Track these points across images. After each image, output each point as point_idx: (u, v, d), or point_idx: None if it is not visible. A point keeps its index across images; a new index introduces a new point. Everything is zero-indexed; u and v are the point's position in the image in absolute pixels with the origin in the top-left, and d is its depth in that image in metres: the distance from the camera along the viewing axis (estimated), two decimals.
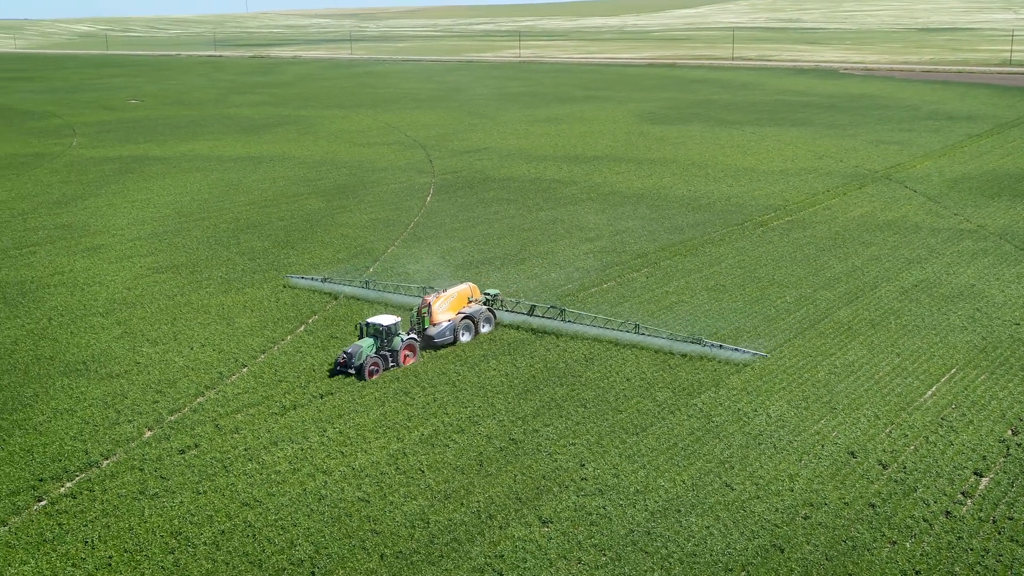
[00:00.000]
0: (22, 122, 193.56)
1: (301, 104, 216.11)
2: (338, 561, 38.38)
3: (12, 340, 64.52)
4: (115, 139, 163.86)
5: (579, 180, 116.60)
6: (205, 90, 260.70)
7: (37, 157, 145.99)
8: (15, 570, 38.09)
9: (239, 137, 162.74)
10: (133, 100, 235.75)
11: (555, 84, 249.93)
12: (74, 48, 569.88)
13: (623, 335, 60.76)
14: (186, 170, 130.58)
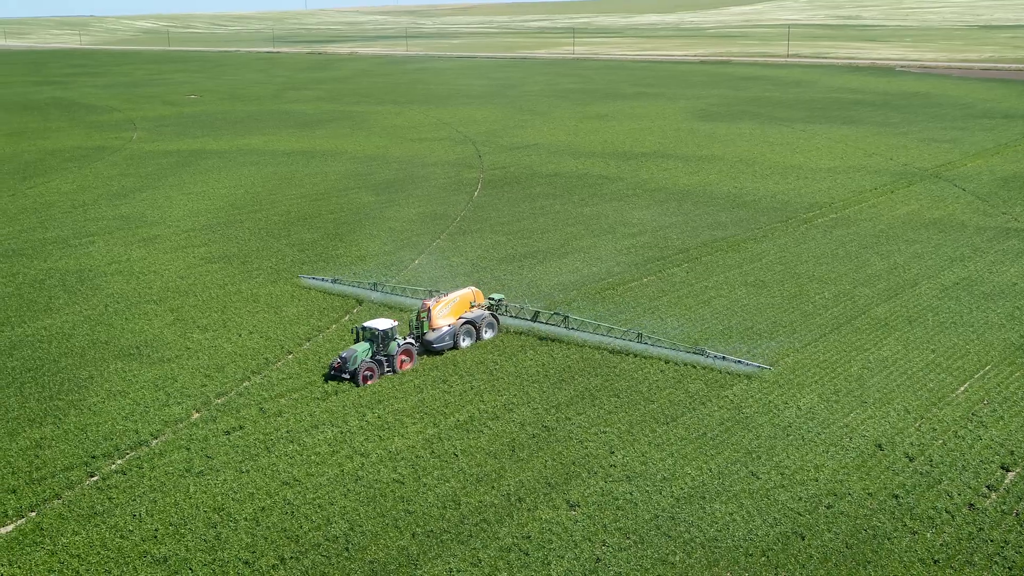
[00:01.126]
0: (85, 116, 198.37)
1: (355, 100, 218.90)
2: (371, 538, 39.95)
3: (71, 325, 67.13)
4: (173, 133, 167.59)
5: (626, 176, 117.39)
6: (262, 86, 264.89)
7: (99, 150, 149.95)
8: (67, 540, 40.17)
9: (293, 132, 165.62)
10: (192, 95, 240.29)
11: (607, 81, 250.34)
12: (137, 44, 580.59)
13: (625, 344, 59.12)
14: (241, 164, 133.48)
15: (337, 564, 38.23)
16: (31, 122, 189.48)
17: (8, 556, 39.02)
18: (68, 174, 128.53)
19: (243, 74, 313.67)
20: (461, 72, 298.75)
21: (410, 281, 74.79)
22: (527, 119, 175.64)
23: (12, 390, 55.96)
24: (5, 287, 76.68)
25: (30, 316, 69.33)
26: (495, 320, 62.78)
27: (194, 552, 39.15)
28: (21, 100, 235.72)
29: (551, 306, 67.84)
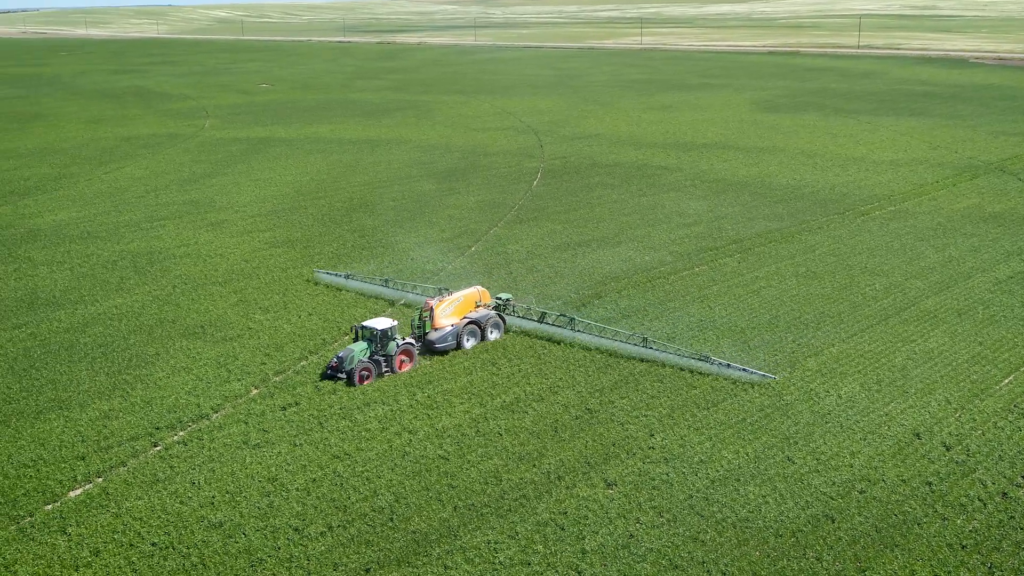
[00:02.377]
0: (160, 104, 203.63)
1: (422, 89, 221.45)
2: (415, 509, 41.80)
3: (140, 304, 70.13)
4: (244, 121, 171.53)
5: (685, 167, 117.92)
6: (332, 75, 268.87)
7: (172, 137, 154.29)
8: (130, 504, 42.65)
9: (360, 121, 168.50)
10: (264, 84, 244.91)
11: (672, 71, 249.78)
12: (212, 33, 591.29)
13: (630, 348, 57.75)
14: (308, 151, 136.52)
15: (381, 533, 40.13)
16: (109, 110, 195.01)
17: (76, 518, 41.59)
18: (142, 160, 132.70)
19: (314, 63, 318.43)
20: (527, 62, 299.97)
21: (441, 278, 76.34)
22: (590, 109, 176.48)
23: (84, 364, 58.93)
24: (80, 267, 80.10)
25: (102, 295, 72.50)
26: (501, 320, 61.72)
27: (248, 518, 41.36)
28: (100, 88, 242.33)
29: (594, 294, 69.18)
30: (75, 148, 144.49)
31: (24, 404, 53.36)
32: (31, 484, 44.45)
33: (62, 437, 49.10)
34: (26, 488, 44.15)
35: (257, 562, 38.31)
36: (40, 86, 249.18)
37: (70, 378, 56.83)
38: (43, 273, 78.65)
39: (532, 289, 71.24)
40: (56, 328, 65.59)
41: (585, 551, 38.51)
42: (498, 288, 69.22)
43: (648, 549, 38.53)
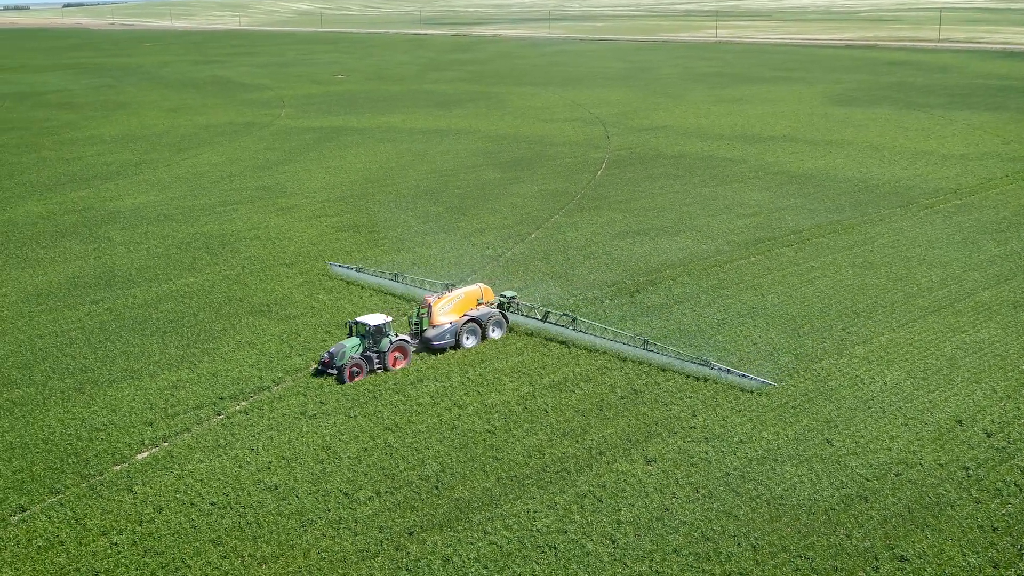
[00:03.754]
0: (239, 94, 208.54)
1: (494, 81, 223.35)
2: (460, 479, 43.58)
3: (210, 283, 73.06)
4: (318, 111, 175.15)
5: (750, 159, 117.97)
6: (406, 66, 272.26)
7: (248, 126, 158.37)
8: (192, 467, 45.13)
9: (431, 111, 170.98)
10: (339, 75, 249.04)
11: (746, 64, 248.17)
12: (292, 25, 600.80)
13: (630, 350, 56.48)
14: (378, 140, 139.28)
15: (427, 500, 41.98)
16: (189, 99, 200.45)
17: (142, 478, 44.19)
18: (218, 147, 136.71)
19: (389, 55, 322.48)
20: (600, 54, 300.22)
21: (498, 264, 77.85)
22: (660, 102, 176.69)
23: (156, 338, 61.87)
24: (156, 248, 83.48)
25: (176, 274, 75.65)
26: (504, 319, 60.62)
27: (301, 482, 43.53)
28: (182, 78, 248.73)
29: (648, 281, 70.23)
30: (156, 135, 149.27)
31: (99, 373, 56.38)
32: (102, 446, 47.21)
33: (132, 404, 51.90)
34: (97, 450, 46.91)
35: (308, 523, 40.43)
36: (125, 76, 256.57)
37: (142, 350, 59.79)
38: (121, 252, 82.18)
39: (587, 275, 72.65)
40: (131, 304, 68.79)
41: (620, 522, 39.90)
42: (504, 286, 68.54)
43: (681, 522, 39.78)
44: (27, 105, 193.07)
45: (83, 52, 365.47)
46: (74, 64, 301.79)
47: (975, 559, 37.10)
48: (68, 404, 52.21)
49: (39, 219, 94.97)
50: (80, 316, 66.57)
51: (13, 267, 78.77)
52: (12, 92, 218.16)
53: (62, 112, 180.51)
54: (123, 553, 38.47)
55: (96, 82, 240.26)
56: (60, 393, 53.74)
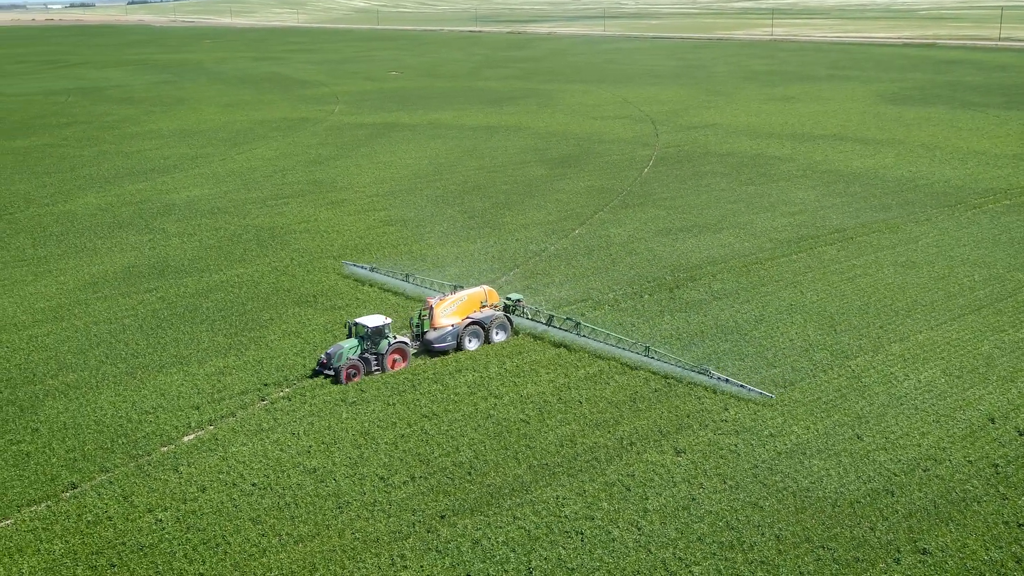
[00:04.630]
0: (295, 90, 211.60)
1: (546, 79, 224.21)
2: (492, 466, 44.73)
3: (259, 274, 74.99)
4: (371, 107, 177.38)
5: (798, 158, 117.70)
6: (460, 63, 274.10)
7: (302, 121, 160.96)
8: (236, 449, 46.79)
9: (482, 108, 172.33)
10: (393, 72, 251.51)
11: (800, 63, 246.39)
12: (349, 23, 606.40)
13: (631, 355, 55.84)
14: (429, 137, 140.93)
15: (459, 485, 43.19)
16: (246, 95, 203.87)
17: (187, 459, 45.92)
18: (272, 142, 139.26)
19: (444, 52, 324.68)
20: (653, 52, 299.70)
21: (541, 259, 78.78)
22: (711, 100, 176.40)
23: (205, 326, 63.84)
24: (208, 239, 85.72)
25: (226, 265, 77.73)
26: (508, 322, 60.09)
27: (339, 466, 44.97)
28: (240, 74, 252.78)
29: (688, 277, 70.81)
30: (212, 130, 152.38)
31: (149, 359, 58.41)
32: (151, 428, 49.07)
33: (180, 389, 53.78)
34: (146, 431, 48.78)
35: (344, 504, 41.83)
36: (185, 72, 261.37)
37: (191, 337, 61.76)
38: (175, 243, 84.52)
39: (628, 271, 73.40)
40: (182, 293, 70.91)
41: (647, 510, 40.78)
42: (509, 288, 67.84)
43: (707, 511, 40.56)
44: (89, 100, 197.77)
45: (145, 48, 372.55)
46: (136, 60, 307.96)
47: (997, 554, 37.44)
48: (120, 388, 54.25)
49: (98, 211, 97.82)
50: (134, 304, 68.80)
51: (72, 257, 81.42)
52: (76, 87, 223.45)
53: (123, 107, 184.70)
54: (167, 529, 40.17)
55: (156, 78, 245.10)
56: (113, 377, 55.81)
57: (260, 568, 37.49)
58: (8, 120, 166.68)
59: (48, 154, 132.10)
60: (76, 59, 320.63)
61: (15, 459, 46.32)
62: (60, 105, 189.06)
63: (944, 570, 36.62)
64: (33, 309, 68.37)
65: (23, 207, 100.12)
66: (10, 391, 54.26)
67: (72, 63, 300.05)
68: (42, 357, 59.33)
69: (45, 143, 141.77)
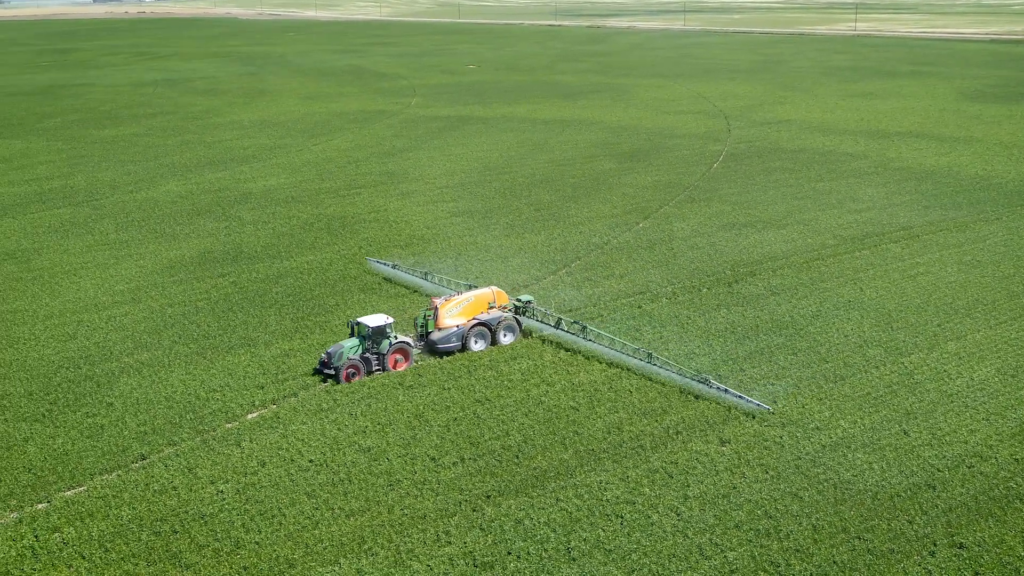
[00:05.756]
0: (373, 82, 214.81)
1: (622, 73, 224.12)
2: (540, 450, 46.08)
3: (328, 261, 77.32)
4: (447, 100, 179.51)
5: (871, 155, 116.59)
6: (537, 57, 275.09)
7: (379, 113, 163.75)
8: (296, 427, 48.87)
9: (556, 102, 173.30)
10: (471, 65, 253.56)
11: (882, 59, 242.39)
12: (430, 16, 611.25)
13: (633, 361, 54.96)
14: (501, 130, 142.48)
15: (506, 467, 44.64)
16: (326, 87, 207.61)
17: (250, 435, 48.12)
18: (348, 134, 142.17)
19: (522, 46, 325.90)
20: (732, 47, 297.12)
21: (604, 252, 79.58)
22: (787, 95, 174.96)
23: (273, 310, 66.26)
24: (281, 227, 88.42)
25: (297, 252, 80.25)
26: (516, 324, 59.47)
27: (392, 446, 46.74)
28: (321, 67, 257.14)
29: (748, 272, 71.17)
30: (291, 121, 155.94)
31: (219, 340, 60.95)
32: (217, 405, 51.43)
33: (247, 369, 56.12)
34: (212, 408, 51.15)
35: (395, 482, 43.56)
36: (268, 64, 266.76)
37: (260, 320, 64.21)
38: (249, 231, 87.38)
39: (688, 264, 74.04)
40: (254, 278, 73.53)
41: (687, 497, 41.76)
42: (518, 291, 65.76)
43: (746, 500, 41.39)
44: (176, 91, 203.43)
45: (231, 41, 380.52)
46: (222, 52, 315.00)
47: None
48: (190, 367, 56.81)
49: (178, 198, 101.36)
50: (207, 288, 71.58)
51: (151, 241, 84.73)
52: (163, 79, 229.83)
53: (207, 98, 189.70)
54: (227, 499, 42.34)
55: (240, 70, 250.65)
56: (184, 357, 58.43)
57: (312, 539, 39.38)
58: (98, 111, 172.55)
59: (134, 143, 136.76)
60: (165, 51, 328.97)
61: (90, 431, 49.02)
62: (147, 96, 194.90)
63: (980, 564, 36.98)
64: (113, 291, 71.57)
65: (108, 193, 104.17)
66: (88, 367, 57.21)
67: (161, 55, 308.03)
68: (119, 336, 62.30)
69: (132, 132, 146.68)
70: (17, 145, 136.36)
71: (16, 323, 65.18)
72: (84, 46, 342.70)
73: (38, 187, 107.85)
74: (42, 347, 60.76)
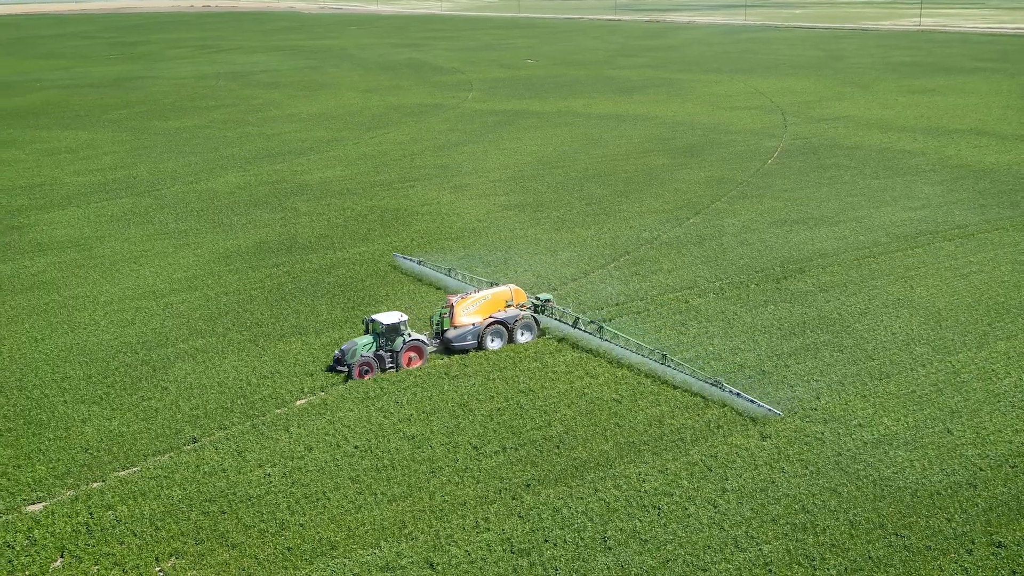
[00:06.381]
0: (431, 76, 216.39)
1: (680, 68, 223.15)
2: (580, 441, 46.66)
3: (380, 252, 78.52)
4: (504, 95, 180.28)
5: (929, 152, 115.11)
6: (595, 52, 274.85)
7: (436, 107, 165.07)
8: (343, 414, 49.97)
9: (612, 97, 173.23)
10: (529, 60, 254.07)
11: (945, 55, 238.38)
12: (491, 11, 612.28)
13: (648, 362, 54.30)
14: (556, 124, 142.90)
15: (547, 457, 45.29)
16: (385, 81, 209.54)
17: (298, 421, 49.33)
18: (405, 127, 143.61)
19: (580, 40, 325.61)
20: (793, 42, 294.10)
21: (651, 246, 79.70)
22: (846, 91, 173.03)
23: (325, 299, 67.56)
24: (336, 219, 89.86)
25: (350, 243, 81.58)
26: (535, 322, 59.28)
27: (436, 434, 47.62)
28: (380, 61, 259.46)
29: (798, 269, 70.96)
30: (349, 114, 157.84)
31: (271, 328, 62.38)
32: (267, 391, 52.74)
33: (297, 357, 57.40)
34: (263, 394, 52.47)
35: (437, 469, 44.43)
36: (329, 58, 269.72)
37: (312, 310, 65.53)
38: (304, 222, 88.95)
39: (737, 260, 74.01)
40: (307, 268, 74.96)
41: (725, 490, 42.07)
42: (534, 288, 63.58)
43: (784, 494, 41.59)
44: (238, 84, 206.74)
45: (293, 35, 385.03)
46: (284, 46, 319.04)
47: None
48: (242, 354, 58.26)
49: (236, 189, 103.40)
50: (262, 277, 73.15)
51: (209, 231, 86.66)
52: (226, 72, 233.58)
53: (268, 91, 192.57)
54: (273, 482, 43.53)
55: (301, 63, 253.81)
56: (237, 344, 59.91)
57: (355, 522, 40.38)
58: (162, 103, 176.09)
59: (195, 135, 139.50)
60: (228, 44, 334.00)
61: (145, 414, 50.59)
62: (210, 88, 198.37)
63: (1018, 563, 36.85)
64: (171, 279, 73.45)
65: (169, 184, 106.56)
66: (145, 352, 58.93)
67: (225, 48, 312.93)
68: (176, 323, 64.02)
69: (194, 124, 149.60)
70: (84, 136, 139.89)
71: (77, 309, 67.27)
72: (152, 39, 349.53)
73: (102, 177, 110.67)
74: (102, 332, 62.68)
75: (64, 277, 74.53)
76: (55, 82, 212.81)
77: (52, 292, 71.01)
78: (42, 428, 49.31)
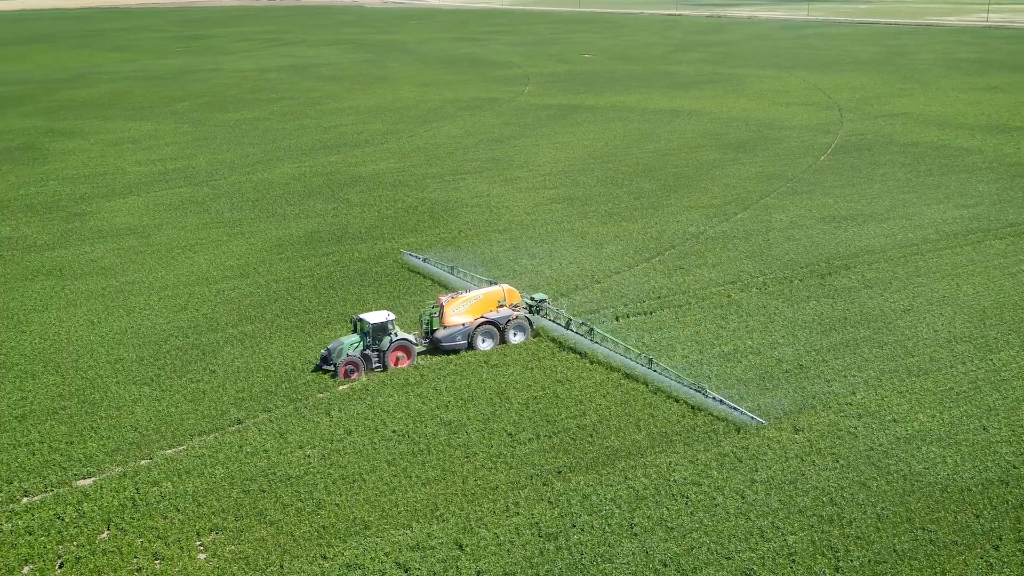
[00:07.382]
0: (489, 71, 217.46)
1: (738, 63, 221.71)
2: (613, 430, 47.35)
3: (428, 243, 79.73)
4: (559, 89, 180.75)
5: (987, 150, 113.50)
6: (654, 47, 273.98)
7: (491, 101, 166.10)
8: (383, 400, 51.20)
9: (667, 92, 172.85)
10: (586, 54, 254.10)
11: (1012, 51, 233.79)
12: (551, 5, 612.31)
13: (634, 366, 53.57)
14: (610, 119, 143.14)
15: (579, 445, 46.07)
16: (443, 75, 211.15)
17: (339, 405, 50.65)
18: (459, 120, 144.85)
19: (640, 35, 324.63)
20: (854, 38, 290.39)
21: (697, 241, 79.81)
22: (906, 88, 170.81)
23: (371, 289, 68.94)
24: (386, 210, 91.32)
25: (399, 234, 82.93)
26: (528, 323, 58.66)
27: (472, 420, 48.65)
28: (440, 55, 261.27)
29: (843, 265, 70.77)
30: (405, 108, 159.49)
31: (318, 315, 63.88)
32: (311, 377, 54.19)
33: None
34: (306, 379, 53.92)
35: (471, 454, 45.44)
36: (388, 52, 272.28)
37: (358, 298, 66.92)
38: (355, 213, 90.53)
39: (782, 256, 73.99)
40: (356, 258, 76.43)
41: (754, 481, 42.51)
42: (529, 287, 62.61)
43: (813, 486, 41.92)
44: (299, 77, 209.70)
45: (355, 29, 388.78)
46: (345, 40, 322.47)
47: None
48: (289, 339, 59.80)
49: (291, 179, 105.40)
50: (312, 266, 74.77)
51: (263, 220, 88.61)
52: (288, 65, 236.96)
53: (327, 84, 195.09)
54: (313, 463, 44.87)
55: (361, 57, 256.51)
56: (284, 330, 61.48)
57: (388, 503, 41.54)
58: (224, 95, 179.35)
59: (254, 127, 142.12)
60: (292, 38, 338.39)
61: (193, 395, 52.28)
62: (271, 81, 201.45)
63: None
64: (224, 266, 75.37)
65: (227, 174, 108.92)
66: (196, 336, 60.76)
67: (288, 41, 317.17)
68: (226, 309, 65.83)
69: (254, 116, 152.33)
70: (147, 127, 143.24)
71: (133, 293, 69.42)
72: (217, 32, 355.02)
73: (162, 167, 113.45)
74: (155, 316, 64.68)
75: (122, 263, 76.86)
76: (121, 74, 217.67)
77: (110, 277, 73.34)
78: (95, 407, 51.23)
